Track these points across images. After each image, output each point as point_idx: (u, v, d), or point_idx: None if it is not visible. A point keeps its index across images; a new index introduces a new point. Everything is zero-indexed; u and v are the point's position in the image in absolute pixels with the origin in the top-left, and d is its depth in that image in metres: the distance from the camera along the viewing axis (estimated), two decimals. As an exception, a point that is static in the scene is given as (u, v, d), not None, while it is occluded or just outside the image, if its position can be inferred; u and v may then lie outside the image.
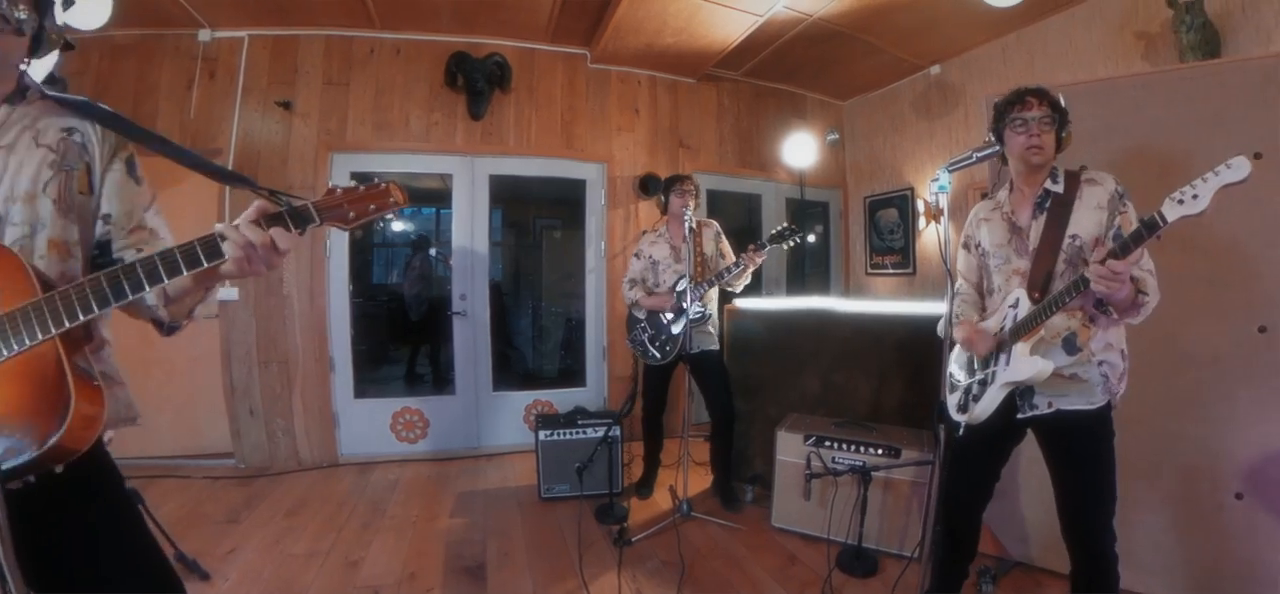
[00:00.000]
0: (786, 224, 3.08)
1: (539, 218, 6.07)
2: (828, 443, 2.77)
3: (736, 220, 5.12)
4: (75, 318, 0.89)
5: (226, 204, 3.71)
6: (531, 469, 3.45)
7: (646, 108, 4.73)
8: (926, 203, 4.74)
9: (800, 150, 4.81)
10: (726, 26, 3.92)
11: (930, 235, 4.71)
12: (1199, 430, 2.15)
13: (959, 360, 1.93)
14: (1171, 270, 1.90)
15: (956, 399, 1.89)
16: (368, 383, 4.48)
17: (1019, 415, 1.76)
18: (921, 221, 4.81)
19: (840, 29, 4.03)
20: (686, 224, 3.05)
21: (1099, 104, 2.32)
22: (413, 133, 4.14)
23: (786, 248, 3.08)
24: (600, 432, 3.25)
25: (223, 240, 0.93)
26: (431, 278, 5.27)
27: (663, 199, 3.27)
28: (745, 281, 3.17)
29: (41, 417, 0.87)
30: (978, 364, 1.84)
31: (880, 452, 2.66)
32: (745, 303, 3.57)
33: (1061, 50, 3.70)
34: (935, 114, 4.69)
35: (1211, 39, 2.87)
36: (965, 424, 1.82)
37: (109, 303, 0.91)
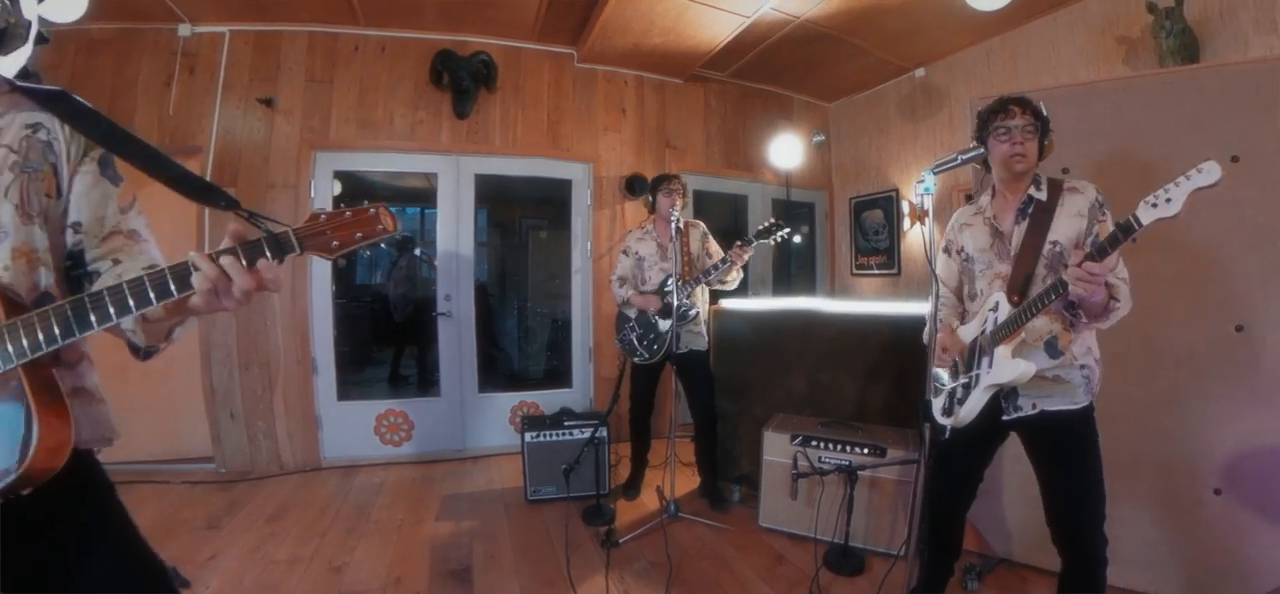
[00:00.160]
0: (772, 220, 3.09)
1: (525, 218, 6.05)
2: (814, 442, 2.79)
3: (723, 221, 5.12)
4: (37, 348, 0.84)
5: (206, 209, 3.64)
6: (518, 471, 3.42)
7: (633, 108, 4.72)
8: (911, 204, 4.79)
9: (786, 151, 4.83)
10: (714, 27, 3.92)
11: (915, 236, 4.75)
12: (1178, 428, 2.20)
13: (944, 364, 1.95)
14: (1150, 271, 1.93)
15: (942, 402, 1.90)
16: (351, 385, 4.42)
17: (1004, 417, 1.78)
18: (906, 223, 4.85)
19: (827, 31, 4.05)
20: (674, 223, 3.05)
21: (1081, 107, 2.36)
22: (397, 131, 4.09)
23: (774, 243, 3.08)
24: (587, 433, 3.23)
25: (195, 271, 0.85)
26: (416, 278, 5.22)
27: (650, 198, 3.27)
28: (736, 279, 3.18)
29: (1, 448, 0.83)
30: (961, 367, 1.85)
31: (866, 451, 2.68)
32: (732, 303, 3.58)
33: (1044, 54, 3.76)
34: (920, 116, 4.73)
35: (1190, 44, 2.93)
36: (951, 427, 1.83)
37: (73, 333, 0.85)
